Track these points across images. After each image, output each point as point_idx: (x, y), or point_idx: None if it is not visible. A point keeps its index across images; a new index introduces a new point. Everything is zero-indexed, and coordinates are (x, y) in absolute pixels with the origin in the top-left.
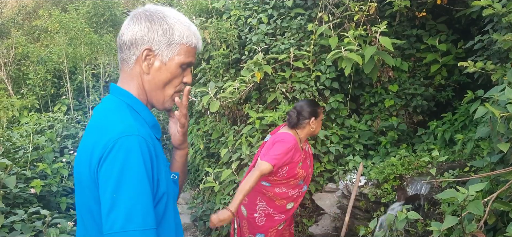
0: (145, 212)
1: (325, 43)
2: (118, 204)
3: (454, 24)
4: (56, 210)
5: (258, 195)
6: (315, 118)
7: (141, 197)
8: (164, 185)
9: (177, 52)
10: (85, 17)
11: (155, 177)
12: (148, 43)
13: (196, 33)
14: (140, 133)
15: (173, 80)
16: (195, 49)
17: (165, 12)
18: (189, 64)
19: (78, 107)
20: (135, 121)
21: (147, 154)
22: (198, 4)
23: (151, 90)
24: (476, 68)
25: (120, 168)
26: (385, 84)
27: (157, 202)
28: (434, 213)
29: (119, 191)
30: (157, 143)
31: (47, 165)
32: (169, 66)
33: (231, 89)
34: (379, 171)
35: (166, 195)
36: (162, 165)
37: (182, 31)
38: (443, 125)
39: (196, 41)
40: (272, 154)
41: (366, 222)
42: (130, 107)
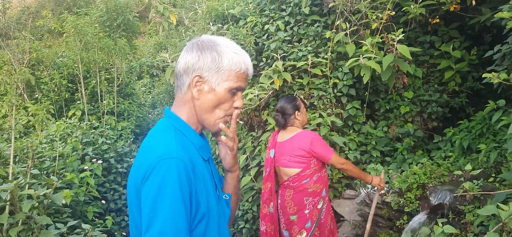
0: (176, 231)
1: (342, 50)
2: (155, 222)
3: (466, 31)
4: (80, 219)
5: (303, 195)
6: (298, 111)
7: (174, 217)
8: (205, 206)
9: (226, 77)
10: (98, 21)
11: (194, 198)
12: (199, 70)
13: (246, 60)
14: (179, 156)
15: (222, 104)
16: (244, 74)
17: (216, 41)
18: (238, 89)
19: (92, 112)
20: (177, 144)
21: (184, 176)
22: (214, 11)
23: (202, 113)
24: (500, 80)
25: (157, 188)
26: (400, 91)
27: (198, 223)
28: (459, 223)
29: (155, 209)
30: (201, 164)
31: (74, 175)
32: (218, 91)
33: (250, 96)
34: (402, 180)
35: (207, 216)
36: (202, 186)
37: (231, 58)
38: (460, 133)
39: (245, 67)
40: (325, 148)
41: (388, 230)
42: (178, 130)
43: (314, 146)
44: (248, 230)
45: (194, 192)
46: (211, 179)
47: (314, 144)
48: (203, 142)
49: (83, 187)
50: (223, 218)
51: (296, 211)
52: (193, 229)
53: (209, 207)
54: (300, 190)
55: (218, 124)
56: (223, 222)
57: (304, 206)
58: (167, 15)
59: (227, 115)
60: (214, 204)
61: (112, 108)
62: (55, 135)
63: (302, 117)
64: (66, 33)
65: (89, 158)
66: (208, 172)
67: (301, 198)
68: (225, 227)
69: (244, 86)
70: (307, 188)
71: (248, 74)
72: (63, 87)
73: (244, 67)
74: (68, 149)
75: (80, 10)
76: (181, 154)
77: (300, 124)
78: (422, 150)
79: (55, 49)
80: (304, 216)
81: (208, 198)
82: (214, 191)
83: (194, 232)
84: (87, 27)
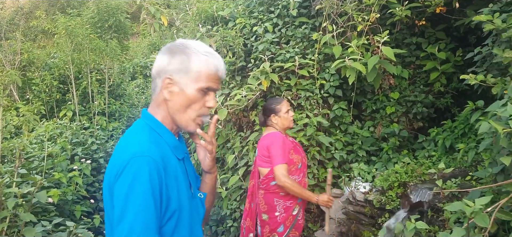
0: (145, 226)
1: (329, 51)
2: (125, 217)
3: (452, 32)
4: (69, 218)
5: (274, 197)
6: (274, 114)
7: (143, 212)
8: (176, 203)
9: (195, 79)
10: (90, 22)
11: (164, 195)
12: (169, 73)
13: (215, 61)
14: (151, 154)
15: (193, 105)
16: (214, 75)
17: (187, 44)
18: (209, 89)
19: (83, 113)
20: (150, 143)
21: (155, 174)
22: (204, 12)
23: (174, 114)
24: (477, 81)
25: (129, 185)
26: (386, 91)
27: (168, 219)
28: (437, 220)
29: (126, 206)
30: (174, 163)
31: (62, 174)
32: (188, 92)
33: (238, 97)
34: (384, 179)
35: (177, 213)
36: (174, 184)
37: (200, 60)
38: (443, 133)
39: (215, 68)
40: (279, 156)
41: (371, 228)
42: (152, 130)
43: (271, 147)
44: (236, 229)
45: (164, 189)
46: (185, 177)
47: (272, 145)
48: (177, 142)
49: (72, 187)
50: (196, 216)
51: (266, 210)
52: (163, 225)
53: (180, 205)
54: (270, 192)
55: (191, 125)
56: (196, 220)
57: (274, 207)
58: (158, 17)
59: (200, 115)
60: (186, 202)
61: (103, 109)
62: (44, 135)
63: (280, 121)
64: (57, 34)
65: (79, 158)
66: (182, 171)
67: (271, 199)
68: (198, 225)
69: (215, 87)
70: (277, 191)
71: (218, 75)
72: (54, 88)
73: (213, 68)
74: (57, 149)
75: (73, 11)
76: (153, 153)
77: (279, 127)
78: (407, 150)
79: (49, 50)
80: (275, 219)
81: (179, 196)
82: (187, 189)
83: (164, 229)
84: (78, 29)
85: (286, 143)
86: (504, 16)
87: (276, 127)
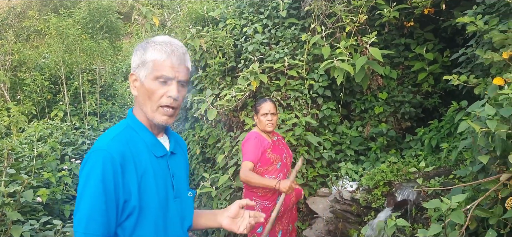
0: (90, 219)
1: (318, 52)
2: (78, 209)
3: (440, 33)
4: (58, 218)
5: (252, 195)
6: (255, 113)
7: (90, 206)
8: (136, 199)
9: (150, 69)
10: (81, 23)
11: (120, 190)
12: (133, 69)
13: (168, 48)
14: (109, 149)
15: (153, 95)
16: (169, 61)
17: (152, 40)
18: (165, 78)
19: (74, 113)
20: (113, 139)
21: (110, 168)
22: (194, 13)
23: (142, 107)
24: (460, 82)
25: (85, 177)
26: (375, 92)
27: (128, 216)
28: (421, 218)
29: (81, 198)
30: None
31: (51, 174)
32: (146, 83)
33: (228, 97)
34: (370, 178)
35: (138, 210)
36: (134, 180)
37: (154, 50)
38: (429, 132)
39: (166, 54)
40: (246, 154)
41: (357, 226)
42: (130, 127)
43: (244, 144)
44: None
45: (120, 184)
46: (164, 176)
47: (245, 142)
48: (155, 140)
49: (61, 186)
50: (176, 216)
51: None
52: (123, 221)
53: (143, 203)
54: (249, 190)
55: (155, 116)
56: (175, 220)
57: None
58: (149, 17)
59: (162, 105)
60: (155, 201)
61: (95, 109)
62: (34, 135)
63: (257, 120)
64: (48, 34)
65: (69, 158)
66: (160, 168)
67: (249, 198)
68: (177, 225)
69: (172, 75)
70: (255, 190)
71: (174, 60)
72: (45, 88)
73: (165, 54)
74: (46, 149)
75: (65, 11)
76: (111, 148)
77: (258, 126)
78: (395, 149)
79: (41, 50)
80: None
81: (143, 193)
82: (163, 188)
83: (125, 224)
84: (69, 29)
85: (259, 142)
86: (486, 18)
87: (258, 126)
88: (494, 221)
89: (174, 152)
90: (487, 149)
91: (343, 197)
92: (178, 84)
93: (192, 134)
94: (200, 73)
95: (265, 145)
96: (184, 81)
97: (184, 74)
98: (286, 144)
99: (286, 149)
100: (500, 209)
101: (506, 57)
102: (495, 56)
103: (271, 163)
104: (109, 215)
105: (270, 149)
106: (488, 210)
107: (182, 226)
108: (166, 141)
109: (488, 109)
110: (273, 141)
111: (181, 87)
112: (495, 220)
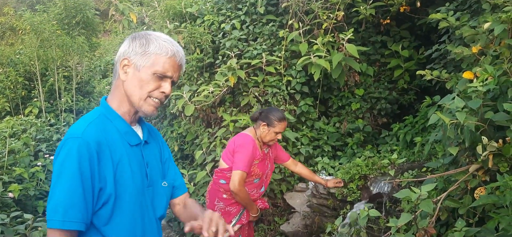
0: (68, 206)
1: (296, 49)
2: (52, 196)
3: (416, 31)
4: (31, 214)
5: (216, 196)
6: (267, 125)
7: (67, 193)
8: (111, 187)
9: (151, 61)
10: (56, 18)
11: (96, 178)
12: (127, 54)
13: (174, 48)
14: (83, 136)
15: (145, 85)
16: (171, 59)
17: (150, 33)
18: (165, 75)
19: (50, 110)
20: (87, 127)
21: (86, 155)
22: (172, 9)
23: (129, 93)
24: (433, 76)
25: (59, 164)
26: (352, 88)
27: (103, 204)
28: (395, 210)
29: (56, 184)
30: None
31: (24, 170)
32: (142, 71)
33: (205, 93)
34: (345, 172)
35: (114, 198)
36: (110, 168)
37: (159, 44)
38: (404, 128)
39: (173, 53)
40: (242, 162)
41: (333, 220)
42: (103, 115)
43: (239, 149)
44: None
45: (96, 171)
46: (139, 164)
47: (241, 147)
48: (129, 128)
49: (34, 182)
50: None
51: (208, 204)
52: (98, 209)
53: (121, 191)
54: (215, 188)
55: (143, 104)
56: (149, 209)
57: (213, 205)
58: (127, 14)
59: (153, 96)
60: (131, 189)
61: (71, 106)
62: (6, 131)
63: (265, 132)
64: (22, 30)
65: (43, 154)
66: (135, 157)
67: (213, 196)
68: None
69: (171, 75)
70: (221, 191)
71: (176, 61)
72: (20, 84)
73: (171, 52)
74: (19, 145)
75: (41, 6)
76: (86, 135)
77: (260, 135)
78: (371, 145)
79: (16, 47)
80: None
81: (119, 181)
82: (139, 176)
83: (100, 212)
84: (44, 24)
85: (254, 153)
86: (458, 14)
87: (257, 132)
88: (463, 211)
89: (147, 142)
90: (456, 141)
91: (320, 191)
92: (171, 83)
93: (171, 131)
94: None
95: (255, 157)
96: (177, 81)
97: (178, 76)
98: (271, 159)
99: (271, 164)
100: (469, 199)
101: (475, 52)
102: (465, 51)
103: (250, 175)
104: (87, 202)
105: (258, 162)
106: (458, 200)
107: (155, 215)
108: (139, 130)
109: (458, 101)
110: (264, 153)
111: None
112: (464, 209)
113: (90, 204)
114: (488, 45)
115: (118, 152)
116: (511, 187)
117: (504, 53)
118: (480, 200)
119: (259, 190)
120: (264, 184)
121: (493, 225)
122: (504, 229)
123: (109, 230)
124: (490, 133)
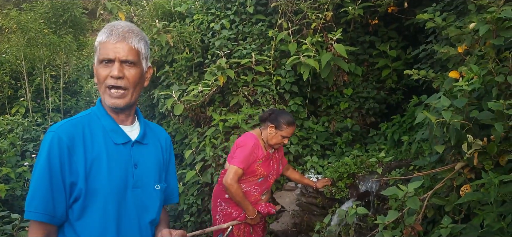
0: (33, 196)
1: (285, 48)
2: (30, 187)
3: (403, 31)
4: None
5: (219, 197)
6: (275, 127)
7: (35, 184)
8: (82, 182)
9: (97, 52)
10: (43, 17)
11: (66, 172)
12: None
13: (107, 29)
14: (58, 131)
15: (99, 78)
16: (107, 43)
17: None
18: (107, 60)
19: (37, 109)
20: (66, 122)
21: (56, 148)
22: (161, 8)
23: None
24: (420, 76)
25: (37, 157)
26: (341, 88)
27: (74, 201)
28: (383, 208)
29: (32, 177)
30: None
31: (11, 169)
32: (96, 67)
33: (195, 93)
34: (334, 170)
35: (84, 195)
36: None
37: (100, 34)
38: (392, 127)
39: (106, 35)
40: (238, 158)
41: (322, 218)
42: (93, 113)
43: (240, 147)
44: (193, 224)
45: (66, 165)
46: (122, 164)
47: (242, 145)
48: (115, 126)
49: (21, 182)
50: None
51: (212, 207)
52: (72, 203)
53: (93, 187)
54: (219, 189)
55: (106, 98)
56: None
57: (215, 206)
58: (115, 13)
59: (108, 86)
60: (105, 187)
61: (58, 106)
62: None
63: (272, 135)
64: (8, 29)
65: (30, 154)
66: (119, 156)
67: (216, 196)
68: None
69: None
70: (224, 191)
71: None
72: (6, 84)
73: (105, 36)
74: (5, 145)
75: (28, 5)
76: (60, 130)
77: (266, 137)
78: (359, 144)
79: (2, 47)
80: (215, 219)
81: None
82: (119, 175)
83: (73, 207)
84: (31, 23)
85: (256, 152)
86: (444, 14)
87: (263, 133)
88: (449, 208)
89: (142, 142)
90: (442, 139)
91: (309, 190)
92: (121, 63)
93: None
94: (167, 69)
95: (258, 156)
96: (129, 60)
97: (126, 53)
98: (278, 159)
99: (276, 165)
100: (455, 196)
101: (461, 51)
102: (451, 50)
103: (254, 175)
104: (54, 195)
105: (261, 161)
106: (444, 198)
107: (139, 217)
108: (134, 129)
109: (444, 100)
110: (268, 153)
111: (127, 67)
112: (450, 207)
113: (59, 198)
114: (473, 45)
115: (96, 149)
116: (495, 184)
117: (488, 53)
118: (465, 197)
119: (262, 190)
120: (267, 185)
121: (478, 222)
122: (489, 225)
123: (79, 226)
124: (475, 132)
